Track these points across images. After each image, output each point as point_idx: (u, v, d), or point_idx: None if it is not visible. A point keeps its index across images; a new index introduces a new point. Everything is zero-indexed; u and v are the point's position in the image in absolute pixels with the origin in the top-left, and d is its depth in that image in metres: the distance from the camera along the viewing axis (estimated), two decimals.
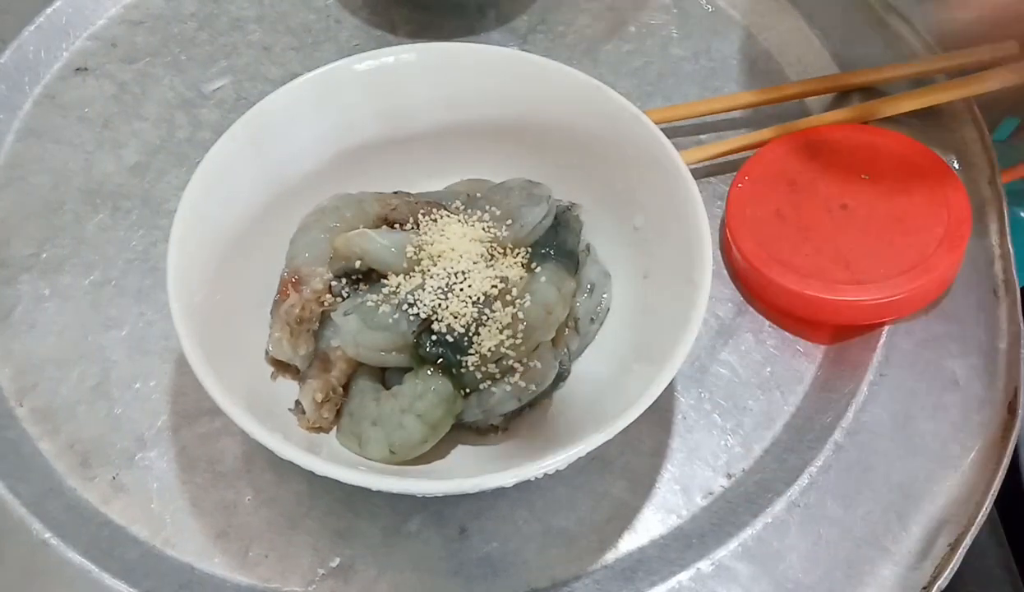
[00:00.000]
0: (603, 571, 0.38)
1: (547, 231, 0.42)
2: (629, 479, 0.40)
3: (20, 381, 0.43)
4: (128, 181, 0.50)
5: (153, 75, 0.54)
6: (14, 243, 0.47)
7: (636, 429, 0.35)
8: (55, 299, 0.46)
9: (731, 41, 0.56)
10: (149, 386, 0.43)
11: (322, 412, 0.39)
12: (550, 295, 0.39)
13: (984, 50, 0.51)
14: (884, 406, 0.42)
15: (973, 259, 0.46)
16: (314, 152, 0.44)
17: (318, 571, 0.38)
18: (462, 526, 0.39)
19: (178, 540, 0.39)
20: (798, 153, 0.48)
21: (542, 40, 0.56)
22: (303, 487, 0.40)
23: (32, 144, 0.51)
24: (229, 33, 0.56)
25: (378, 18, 0.57)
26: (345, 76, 0.43)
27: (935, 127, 0.51)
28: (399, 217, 0.42)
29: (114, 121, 0.52)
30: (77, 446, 0.41)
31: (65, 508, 0.40)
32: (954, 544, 0.38)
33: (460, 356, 0.38)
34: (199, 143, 0.51)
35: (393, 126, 0.45)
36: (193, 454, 0.41)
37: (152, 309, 0.45)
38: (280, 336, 0.39)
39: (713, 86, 0.54)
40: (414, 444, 0.37)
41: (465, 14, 0.57)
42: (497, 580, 0.38)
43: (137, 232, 0.48)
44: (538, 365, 0.38)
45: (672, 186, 0.39)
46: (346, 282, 0.41)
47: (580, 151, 0.43)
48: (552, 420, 0.40)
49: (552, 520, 0.39)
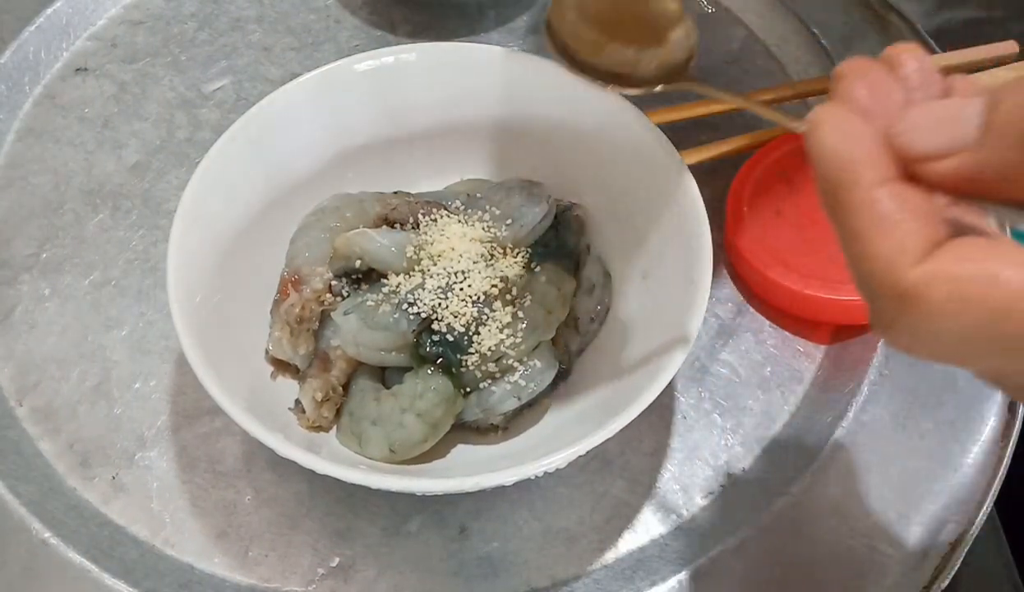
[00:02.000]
0: (603, 571, 0.38)
1: (547, 231, 0.42)
2: (629, 479, 0.40)
3: (20, 381, 0.43)
4: (128, 181, 0.50)
5: (153, 75, 0.54)
6: (14, 243, 0.48)
7: (636, 429, 0.35)
8: (55, 299, 0.46)
9: (731, 41, 0.56)
10: (149, 386, 0.43)
11: (322, 411, 0.39)
12: (550, 295, 0.39)
13: (984, 50, 0.51)
14: (884, 406, 0.42)
15: None
16: (314, 152, 0.44)
17: (318, 571, 0.38)
18: (462, 526, 0.39)
19: (178, 540, 0.39)
20: (798, 153, 0.48)
21: (542, 40, 0.56)
22: (303, 487, 0.40)
23: (32, 144, 0.51)
24: (229, 33, 0.56)
25: (378, 18, 0.57)
26: (345, 76, 0.43)
27: None
28: (399, 217, 0.42)
29: (114, 121, 0.52)
30: (77, 446, 0.41)
31: (65, 508, 0.40)
32: (954, 544, 0.38)
33: (460, 355, 0.38)
34: (199, 143, 0.51)
35: (393, 126, 0.45)
36: (193, 454, 0.41)
37: (152, 309, 0.45)
38: (280, 335, 0.39)
39: (713, 87, 0.54)
40: (414, 443, 0.37)
41: (465, 14, 0.57)
42: (497, 580, 0.38)
43: (137, 232, 0.48)
44: (538, 365, 0.38)
45: (672, 186, 0.39)
46: (346, 282, 0.41)
47: (580, 151, 0.43)
48: (552, 420, 0.40)
49: (552, 520, 0.39)
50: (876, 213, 0.22)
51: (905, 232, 0.22)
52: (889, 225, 0.22)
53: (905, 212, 0.22)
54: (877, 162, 0.23)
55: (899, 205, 0.22)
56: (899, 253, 0.22)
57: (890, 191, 0.22)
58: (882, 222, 0.22)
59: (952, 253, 0.22)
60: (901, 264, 0.22)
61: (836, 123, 0.23)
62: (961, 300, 0.21)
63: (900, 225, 0.22)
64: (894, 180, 0.23)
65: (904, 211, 0.22)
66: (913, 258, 0.22)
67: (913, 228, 0.22)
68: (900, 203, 0.22)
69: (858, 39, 0.55)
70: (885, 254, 0.22)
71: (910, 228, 0.22)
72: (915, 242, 0.22)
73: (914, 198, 0.22)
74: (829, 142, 0.23)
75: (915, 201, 0.22)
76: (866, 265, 0.23)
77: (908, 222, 0.22)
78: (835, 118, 0.23)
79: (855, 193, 0.22)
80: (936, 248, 0.22)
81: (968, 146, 0.22)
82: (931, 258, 0.22)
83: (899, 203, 0.22)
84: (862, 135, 0.23)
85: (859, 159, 0.23)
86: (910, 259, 0.22)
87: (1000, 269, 0.21)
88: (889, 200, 0.22)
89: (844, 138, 0.23)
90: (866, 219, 0.22)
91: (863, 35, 0.55)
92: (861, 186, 0.22)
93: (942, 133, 0.22)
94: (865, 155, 0.23)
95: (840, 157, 0.23)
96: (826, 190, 0.23)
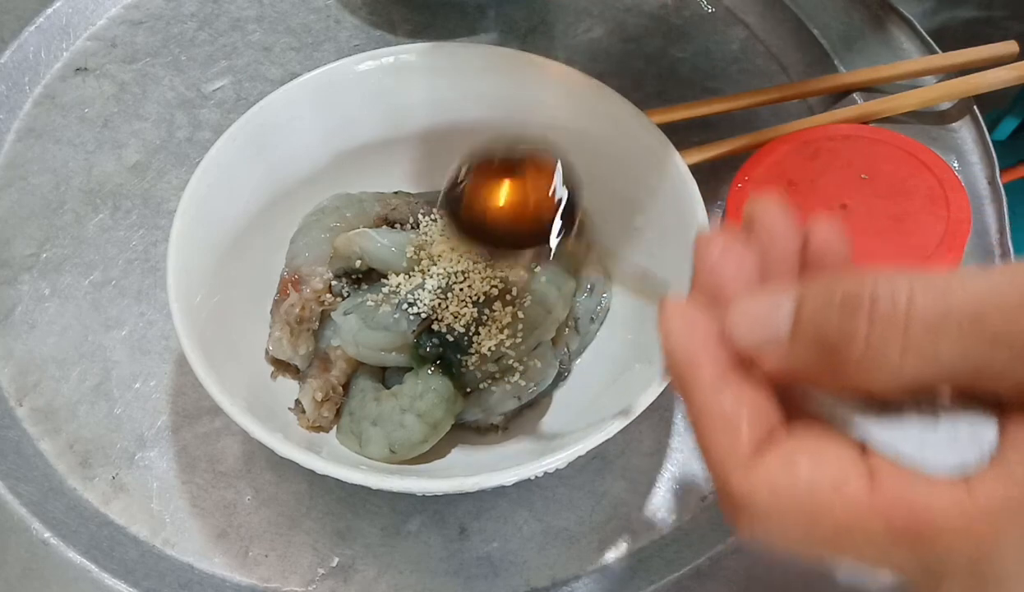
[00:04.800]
0: (603, 571, 0.38)
1: None
2: (629, 479, 0.40)
3: (20, 381, 0.43)
4: (128, 181, 0.50)
5: (153, 75, 0.54)
6: (14, 243, 0.48)
7: (636, 429, 0.35)
8: (55, 299, 0.46)
9: (731, 41, 0.56)
10: (149, 386, 0.43)
11: (322, 411, 0.39)
12: (550, 295, 0.39)
13: (983, 50, 0.51)
14: None
15: (973, 259, 0.46)
16: (314, 152, 0.44)
17: (318, 571, 0.38)
18: (462, 526, 0.39)
19: (178, 540, 0.39)
20: (798, 153, 0.48)
21: (542, 40, 0.56)
22: (303, 487, 0.40)
23: (32, 144, 0.51)
24: (229, 33, 0.56)
25: (378, 18, 0.57)
26: (345, 76, 0.43)
27: (935, 127, 0.51)
28: (399, 217, 0.42)
29: (114, 121, 0.52)
30: (77, 446, 0.41)
31: (65, 508, 0.40)
32: None
33: (460, 356, 0.38)
34: (199, 143, 0.51)
35: (393, 126, 0.45)
36: (193, 454, 0.41)
37: (152, 309, 0.45)
38: (280, 335, 0.39)
39: (713, 86, 0.54)
40: (414, 443, 0.37)
41: (465, 14, 0.57)
42: (497, 580, 0.38)
43: (137, 232, 0.48)
44: (538, 365, 0.38)
45: (672, 186, 0.39)
46: (346, 282, 0.41)
47: (580, 151, 0.43)
48: (552, 420, 0.40)
49: (552, 520, 0.39)
50: (710, 414, 0.23)
51: (734, 436, 0.23)
52: (721, 427, 0.23)
53: (739, 410, 0.23)
54: (715, 359, 0.24)
55: (733, 403, 0.23)
56: (729, 455, 0.23)
57: (724, 393, 0.23)
58: (715, 423, 0.23)
59: (777, 458, 0.22)
60: (731, 468, 0.23)
61: (679, 319, 0.25)
62: (779, 511, 0.22)
63: (730, 427, 0.23)
64: (731, 374, 0.24)
65: (738, 409, 0.23)
66: (740, 462, 0.23)
67: (743, 430, 0.23)
68: (734, 402, 0.23)
69: (858, 39, 0.55)
70: (718, 457, 0.23)
71: (740, 430, 0.23)
72: (745, 443, 0.23)
73: (749, 393, 0.23)
74: (672, 339, 0.24)
75: (749, 396, 0.23)
76: (707, 462, 0.24)
77: (738, 424, 0.23)
78: (678, 314, 0.25)
79: (695, 393, 0.24)
80: (767, 447, 0.23)
81: (782, 343, 0.23)
82: (757, 463, 0.23)
83: (733, 402, 0.23)
84: (702, 332, 0.24)
85: (697, 359, 0.24)
86: (739, 462, 0.23)
87: (815, 476, 0.22)
88: (722, 402, 0.23)
89: (686, 335, 0.24)
90: (704, 418, 0.23)
91: (863, 35, 0.55)
92: (699, 386, 0.24)
93: (761, 329, 0.23)
94: (703, 353, 0.24)
95: (682, 354, 0.24)
96: (674, 381, 0.25)
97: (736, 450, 0.23)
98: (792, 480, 0.22)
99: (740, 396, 0.23)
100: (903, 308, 0.21)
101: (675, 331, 0.24)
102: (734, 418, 0.23)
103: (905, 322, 0.21)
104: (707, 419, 0.23)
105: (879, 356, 0.21)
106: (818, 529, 0.22)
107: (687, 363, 0.24)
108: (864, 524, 0.21)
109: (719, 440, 0.23)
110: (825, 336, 0.22)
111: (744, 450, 0.23)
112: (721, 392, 0.23)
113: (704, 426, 0.23)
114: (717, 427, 0.23)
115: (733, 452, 0.23)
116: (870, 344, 0.21)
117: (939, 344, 0.21)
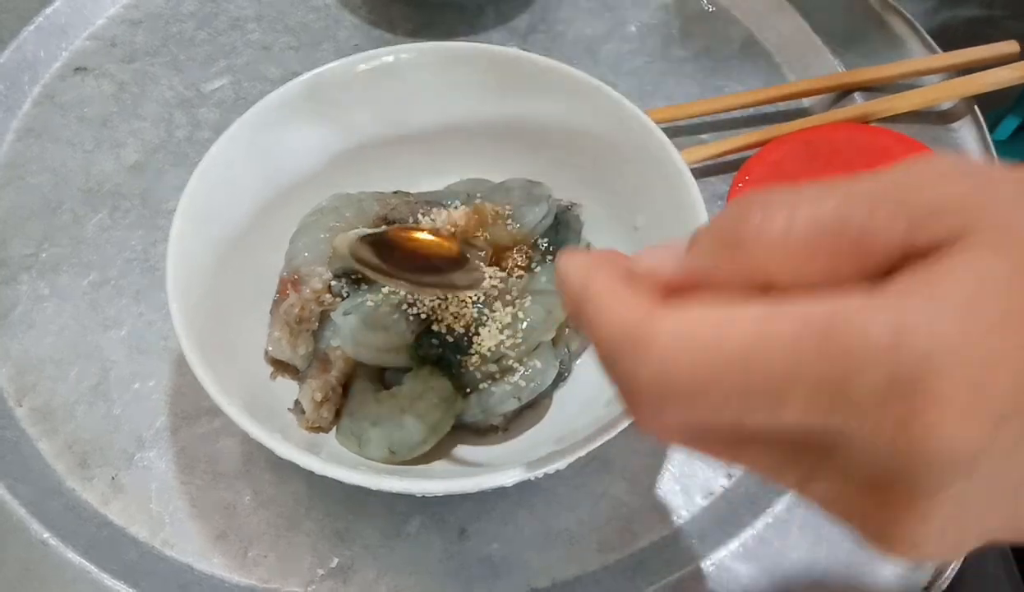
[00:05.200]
0: (603, 571, 0.38)
1: (547, 231, 0.42)
2: (629, 479, 0.40)
3: (19, 381, 0.43)
4: (127, 181, 0.50)
5: (152, 75, 0.54)
6: (13, 243, 0.47)
7: (636, 429, 0.35)
8: (54, 299, 0.46)
9: (731, 41, 0.56)
10: (148, 386, 0.43)
11: (321, 412, 0.39)
12: (550, 295, 0.39)
13: (984, 50, 0.51)
14: None
15: None
16: (313, 152, 0.44)
17: (317, 571, 0.38)
18: (462, 527, 0.39)
19: (177, 541, 0.39)
20: (798, 153, 0.48)
21: (542, 40, 0.56)
22: (303, 487, 0.40)
23: (32, 144, 0.51)
24: (228, 33, 0.56)
25: (377, 17, 0.57)
26: (344, 76, 0.43)
27: (935, 127, 0.51)
28: (399, 217, 0.42)
29: (113, 121, 0.52)
30: (76, 446, 0.41)
31: (64, 508, 0.39)
32: None
33: (460, 356, 0.38)
34: (198, 143, 0.51)
35: (393, 126, 0.45)
36: (192, 454, 0.41)
37: (151, 309, 0.45)
38: (280, 336, 0.39)
39: (713, 86, 0.54)
40: (414, 444, 0.37)
41: (464, 13, 0.57)
42: (497, 581, 0.38)
43: (136, 232, 0.48)
44: (538, 365, 0.38)
45: (672, 186, 0.39)
46: (345, 282, 0.41)
47: (580, 151, 0.43)
48: (552, 420, 0.40)
49: (552, 520, 0.39)
50: (607, 290, 0.23)
51: (634, 295, 0.23)
52: (620, 292, 0.23)
53: (637, 286, 0.23)
54: (612, 266, 0.24)
55: (628, 286, 0.23)
56: (630, 309, 0.22)
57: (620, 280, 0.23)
58: (613, 293, 0.23)
59: (673, 308, 0.22)
60: (632, 314, 0.22)
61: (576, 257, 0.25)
62: (690, 337, 0.21)
63: (630, 293, 0.23)
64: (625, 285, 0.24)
65: (635, 286, 0.23)
66: (642, 308, 0.22)
67: (643, 292, 0.23)
68: (630, 284, 0.23)
69: (859, 39, 0.55)
70: (618, 318, 0.22)
71: (640, 292, 0.23)
72: (644, 298, 0.22)
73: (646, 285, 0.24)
74: (570, 264, 0.25)
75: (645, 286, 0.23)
76: (602, 334, 0.23)
77: (638, 290, 0.23)
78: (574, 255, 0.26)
79: (591, 287, 0.23)
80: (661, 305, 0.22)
81: (680, 257, 0.23)
82: (652, 315, 0.22)
83: (629, 284, 0.23)
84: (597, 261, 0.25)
85: (594, 265, 0.24)
86: (640, 310, 0.22)
87: (735, 313, 0.21)
88: (619, 283, 0.23)
89: (581, 263, 0.25)
90: (602, 299, 0.23)
91: (863, 35, 0.55)
92: (596, 281, 0.24)
93: (661, 252, 0.24)
94: (599, 263, 0.24)
95: (579, 267, 0.24)
96: (570, 308, 0.25)
97: (637, 301, 0.22)
98: (707, 313, 0.21)
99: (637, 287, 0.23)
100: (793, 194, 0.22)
101: (570, 263, 0.25)
102: (635, 286, 0.23)
103: (795, 198, 0.22)
104: (605, 295, 0.23)
105: (772, 227, 0.21)
106: (726, 365, 0.20)
107: (584, 270, 0.24)
108: (780, 336, 0.20)
109: (618, 302, 0.22)
110: (720, 230, 0.22)
111: (646, 299, 0.22)
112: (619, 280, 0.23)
113: (604, 302, 0.23)
114: (616, 294, 0.23)
115: (636, 303, 0.22)
116: (764, 217, 0.22)
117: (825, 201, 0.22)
